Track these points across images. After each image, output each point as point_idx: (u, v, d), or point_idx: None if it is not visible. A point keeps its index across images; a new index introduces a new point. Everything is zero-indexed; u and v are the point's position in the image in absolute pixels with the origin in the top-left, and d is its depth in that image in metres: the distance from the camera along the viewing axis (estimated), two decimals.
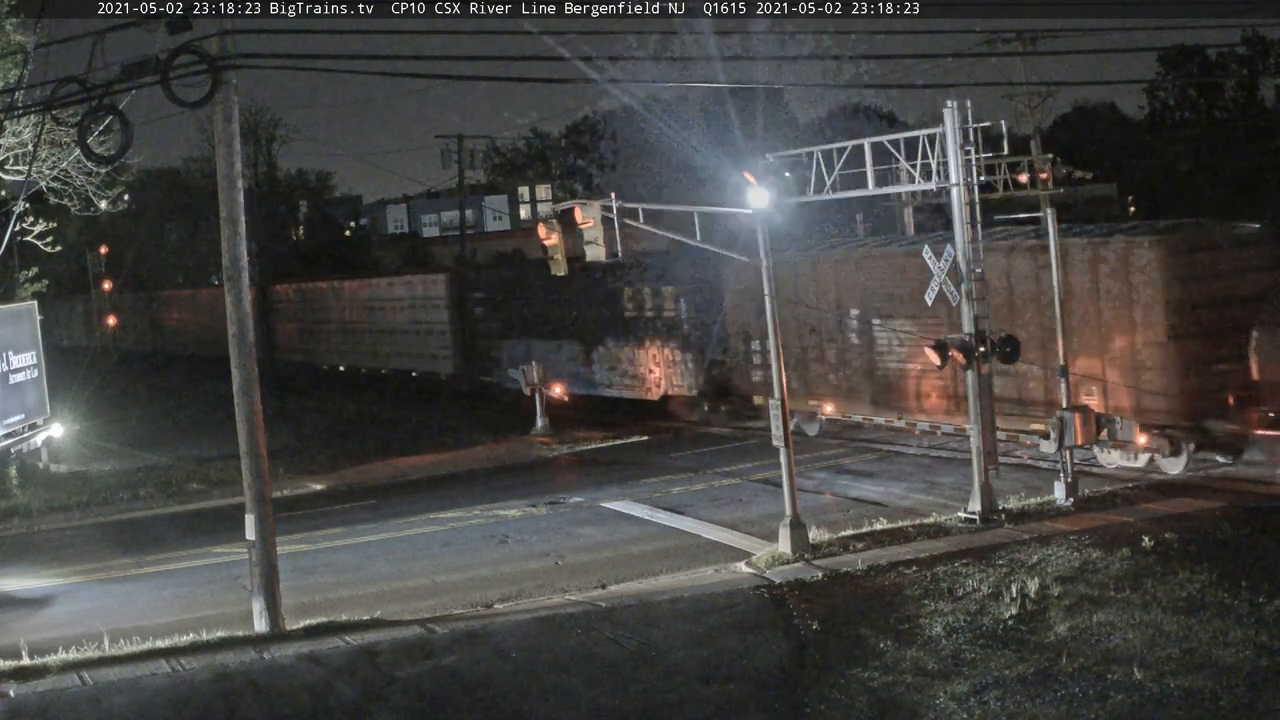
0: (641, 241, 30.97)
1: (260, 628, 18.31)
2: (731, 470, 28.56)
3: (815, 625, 17.26)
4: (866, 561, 19.81)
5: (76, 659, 17.26)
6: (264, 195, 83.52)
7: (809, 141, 26.38)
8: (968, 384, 22.44)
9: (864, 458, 29.03)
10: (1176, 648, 15.16)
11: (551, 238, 23.93)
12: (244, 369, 18.58)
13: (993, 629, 16.45)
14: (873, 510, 23.33)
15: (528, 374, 36.50)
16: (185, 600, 20.92)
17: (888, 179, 24.75)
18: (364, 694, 15.84)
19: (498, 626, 18.11)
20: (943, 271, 22.45)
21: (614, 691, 15.41)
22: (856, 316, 29.75)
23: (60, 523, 28.00)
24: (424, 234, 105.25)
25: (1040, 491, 23.22)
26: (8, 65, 27.72)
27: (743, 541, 22.18)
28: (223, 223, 18.57)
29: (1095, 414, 23.30)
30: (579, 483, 29.05)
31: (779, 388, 21.44)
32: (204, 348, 60.22)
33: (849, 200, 29.13)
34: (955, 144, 22.01)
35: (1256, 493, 22.29)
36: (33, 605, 21.35)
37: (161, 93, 17.05)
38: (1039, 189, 24.14)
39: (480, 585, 20.71)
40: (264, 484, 18.53)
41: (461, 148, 61.06)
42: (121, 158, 20.23)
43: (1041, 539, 20.16)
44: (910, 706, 14.35)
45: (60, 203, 30.44)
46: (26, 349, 31.51)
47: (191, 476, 31.58)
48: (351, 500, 28.81)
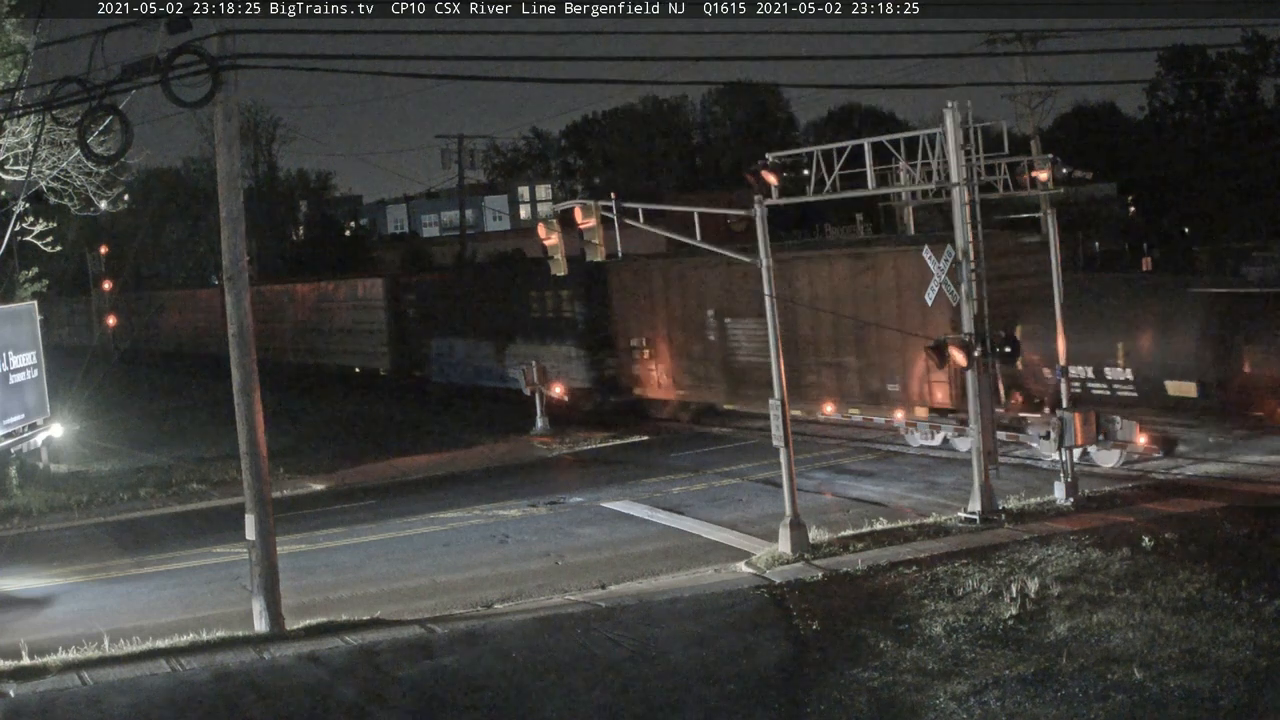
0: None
1: (260, 628, 18.30)
2: (731, 470, 28.57)
3: (815, 625, 17.26)
4: (866, 561, 19.81)
5: (76, 659, 17.26)
6: (264, 195, 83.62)
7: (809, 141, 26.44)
8: (968, 383, 22.45)
9: (864, 458, 29.04)
10: (1176, 648, 15.17)
11: (551, 238, 23.93)
12: (244, 369, 18.60)
13: (993, 629, 16.46)
14: (873, 510, 23.33)
15: (527, 374, 36.55)
16: (185, 600, 20.92)
17: (888, 179, 24.78)
18: (364, 694, 15.84)
19: (498, 626, 18.11)
20: (942, 273, 22.47)
21: (614, 691, 15.42)
22: (713, 316, 33.28)
23: (60, 523, 27.99)
24: (424, 234, 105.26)
25: (1040, 491, 23.24)
26: (8, 65, 27.70)
27: (743, 541, 22.19)
28: (223, 223, 18.57)
29: (1096, 415, 23.39)
30: (579, 483, 29.05)
31: (779, 387, 21.44)
32: (203, 348, 60.88)
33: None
34: (955, 144, 22.03)
35: (1256, 493, 22.30)
36: (33, 605, 21.35)
37: (161, 93, 17.06)
38: (1039, 189, 24.19)
39: (480, 585, 20.71)
40: (264, 484, 18.53)
41: (461, 148, 61.12)
42: (121, 158, 20.22)
43: (1041, 539, 20.17)
44: (910, 706, 14.35)
45: (60, 203, 30.41)
46: (26, 349, 31.49)
47: (191, 476, 31.57)
48: (351, 500, 28.80)
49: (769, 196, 21.97)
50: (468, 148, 62.16)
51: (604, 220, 22.83)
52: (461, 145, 61.73)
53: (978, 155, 22.75)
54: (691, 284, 34.23)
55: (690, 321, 34.19)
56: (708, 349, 33.70)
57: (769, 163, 22.27)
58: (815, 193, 23.49)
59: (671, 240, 26.70)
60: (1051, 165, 23.54)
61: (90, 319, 71.78)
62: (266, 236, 79.27)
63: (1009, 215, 33.77)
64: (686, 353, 34.47)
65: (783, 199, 22.73)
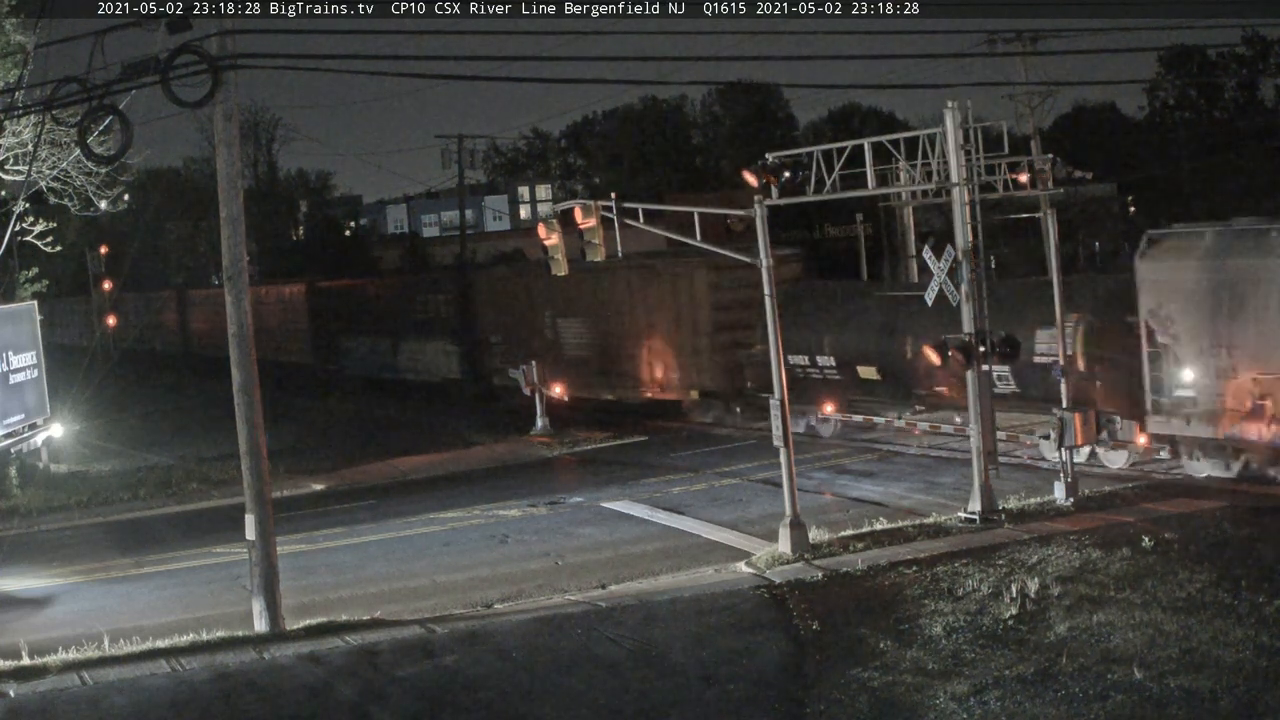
0: None
1: (260, 628, 18.30)
2: (731, 470, 28.57)
3: (815, 625, 17.26)
4: (866, 561, 19.81)
5: (76, 659, 17.26)
6: (264, 195, 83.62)
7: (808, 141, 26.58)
8: (968, 383, 22.44)
9: (864, 458, 29.05)
10: (1176, 648, 15.16)
11: (552, 238, 23.92)
12: (244, 369, 18.61)
13: (993, 629, 16.45)
14: (873, 510, 23.33)
15: (527, 374, 36.61)
16: (185, 600, 20.92)
17: (888, 179, 24.77)
18: (364, 694, 15.84)
19: (498, 626, 18.12)
20: (942, 272, 22.45)
21: (614, 691, 15.41)
22: (549, 316, 39.34)
23: (60, 523, 27.99)
24: (424, 234, 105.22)
25: (1040, 491, 23.23)
26: (8, 65, 27.70)
27: (743, 541, 22.18)
28: (223, 223, 18.57)
29: (1095, 414, 23.41)
30: (579, 483, 29.05)
31: (779, 387, 21.44)
32: (203, 348, 61.73)
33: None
34: (955, 144, 22.02)
35: (1256, 493, 22.29)
36: (33, 605, 21.35)
37: (161, 93, 17.06)
38: (1039, 189, 24.21)
39: (480, 585, 20.71)
40: (264, 484, 18.54)
41: (461, 148, 61.06)
42: (121, 158, 20.20)
43: (1041, 539, 20.17)
44: (910, 706, 14.35)
45: (60, 203, 30.41)
46: (26, 349, 31.48)
47: (191, 476, 31.56)
48: (351, 500, 28.81)
49: (769, 196, 21.97)
50: (468, 148, 62.07)
51: (604, 220, 22.83)
52: (461, 145, 61.64)
53: (978, 155, 22.74)
54: (535, 290, 40.14)
55: (534, 321, 40.22)
56: (545, 344, 39.34)
57: (769, 163, 22.27)
58: (815, 193, 23.48)
59: (672, 240, 26.72)
60: (1051, 165, 23.57)
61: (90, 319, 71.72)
62: (267, 236, 79.27)
63: (1009, 215, 33.76)
64: (530, 347, 39.70)
65: (783, 199, 22.74)
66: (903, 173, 23.84)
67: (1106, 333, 24.95)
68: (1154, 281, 23.70)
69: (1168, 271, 23.46)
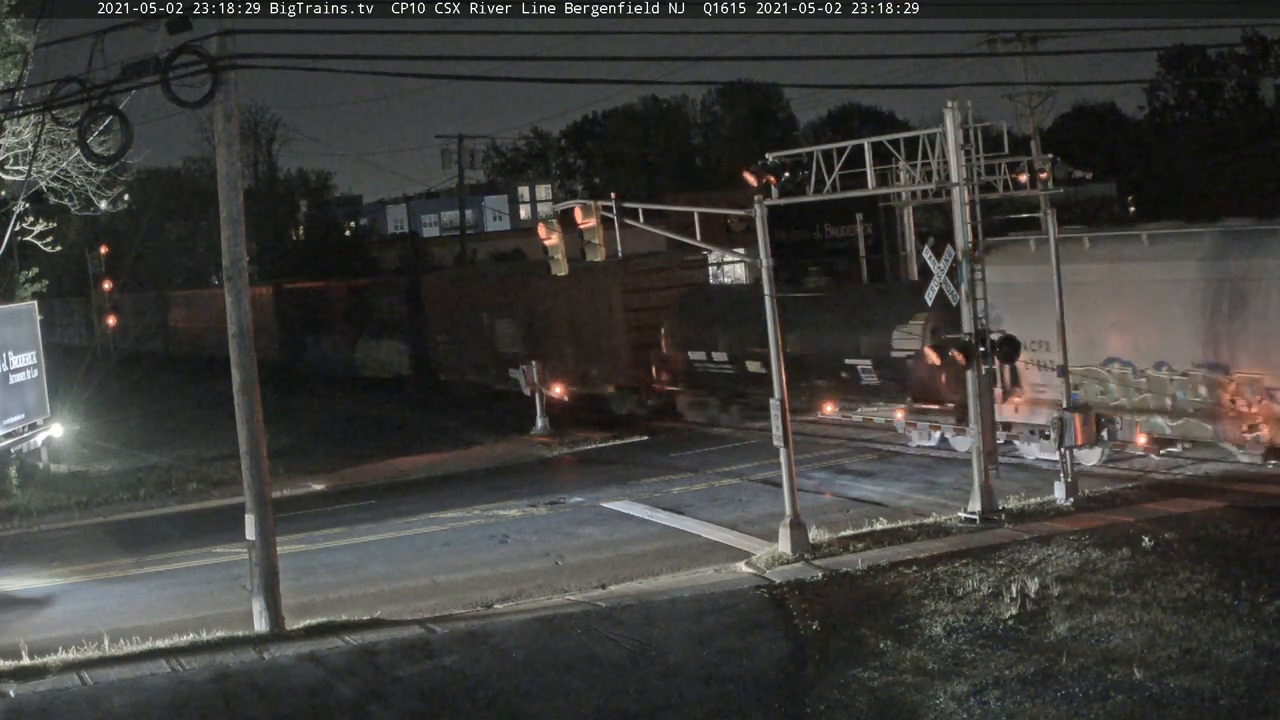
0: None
1: (260, 628, 18.30)
2: (731, 470, 28.57)
3: (815, 625, 17.26)
4: (866, 561, 19.81)
5: (76, 659, 17.27)
6: (264, 195, 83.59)
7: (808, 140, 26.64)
8: (968, 383, 22.45)
9: (864, 458, 29.05)
10: (1176, 648, 15.16)
11: (551, 238, 23.93)
12: (244, 369, 18.59)
13: (993, 629, 16.46)
14: (873, 510, 23.33)
15: (527, 374, 36.56)
16: (185, 600, 20.92)
17: (888, 179, 24.76)
18: (364, 694, 15.85)
19: (498, 626, 18.11)
20: (942, 272, 22.45)
21: (614, 691, 15.42)
22: (486, 315, 42.38)
23: (60, 523, 27.99)
24: (424, 234, 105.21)
25: (1040, 491, 23.23)
26: (8, 65, 27.70)
27: (743, 541, 22.18)
28: (223, 223, 18.56)
29: (1095, 415, 23.41)
30: (579, 483, 29.05)
31: (779, 387, 21.44)
32: (202, 348, 62.03)
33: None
34: (955, 144, 22.01)
35: (1256, 493, 22.29)
36: (33, 605, 21.35)
37: (161, 93, 17.06)
38: (1039, 189, 24.21)
39: (480, 585, 20.72)
40: (264, 484, 18.53)
41: (461, 148, 61.10)
42: (121, 158, 20.21)
43: (1041, 539, 20.17)
44: (910, 706, 14.35)
45: (60, 203, 30.42)
46: (26, 349, 31.49)
47: (191, 476, 31.55)
48: (351, 500, 28.81)
49: (769, 196, 21.96)
50: (468, 148, 62.15)
51: (604, 220, 22.84)
52: (461, 145, 61.71)
53: (977, 155, 22.72)
54: (475, 293, 43.87)
55: (473, 320, 43.23)
56: (483, 342, 42.50)
57: (769, 163, 22.26)
58: (815, 193, 23.47)
59: (672, 240, 26.72)
60: (1051, 165, 23.56)
61: (90, 319, 71.71)
62: (267, 236, 79.22)
63: (1009, 215, 33.75)
64: (469, 344, 43.08)
65: (783, 199, 22.74)
66: (902, 173, 23.82)
67: (950, 330, 25.45)
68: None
69: (999, 275, 24.63)
